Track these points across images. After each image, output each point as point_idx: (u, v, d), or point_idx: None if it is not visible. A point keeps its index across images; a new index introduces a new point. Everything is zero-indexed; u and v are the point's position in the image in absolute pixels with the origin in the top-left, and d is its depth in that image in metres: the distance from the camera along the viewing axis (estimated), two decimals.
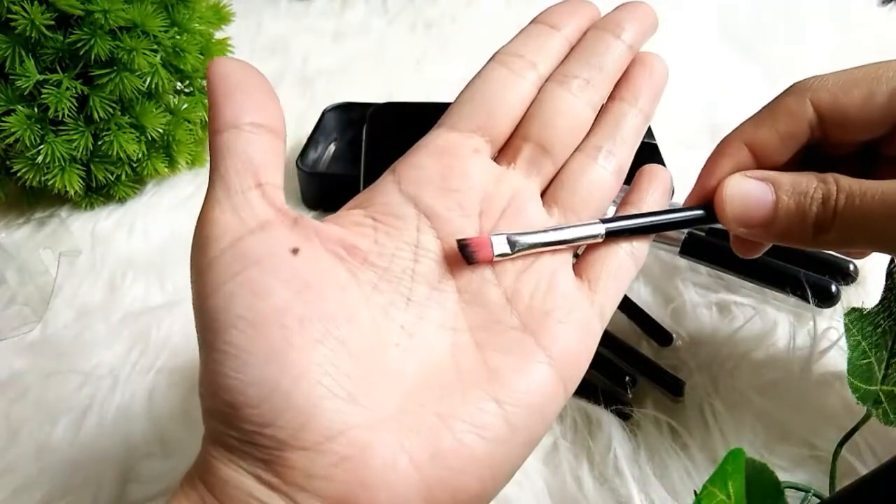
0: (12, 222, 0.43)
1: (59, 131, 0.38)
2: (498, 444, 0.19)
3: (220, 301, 0.18)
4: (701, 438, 0.29)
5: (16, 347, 0.34)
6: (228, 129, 0.19)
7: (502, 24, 0.66)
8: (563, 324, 0.21)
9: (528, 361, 0.20)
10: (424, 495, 0.18)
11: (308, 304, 0.19)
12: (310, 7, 0.69)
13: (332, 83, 0.57)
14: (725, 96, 0.53)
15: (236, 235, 0.19)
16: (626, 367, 0.31)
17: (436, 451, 0.18)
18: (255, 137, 0.20)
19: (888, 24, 0.64)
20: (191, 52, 0.41)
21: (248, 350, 0.18)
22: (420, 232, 0.22)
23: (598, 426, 0.29)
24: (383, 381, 0.19)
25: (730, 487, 0.20)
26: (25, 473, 0.28)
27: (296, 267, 0.19)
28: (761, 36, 0.62)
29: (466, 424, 0.19)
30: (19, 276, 0.24)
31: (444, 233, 0.22)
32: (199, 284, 0.19)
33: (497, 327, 0.21)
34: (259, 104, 0.20)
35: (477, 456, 0.19)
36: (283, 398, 0.18)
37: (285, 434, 0.18)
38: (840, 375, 0.29)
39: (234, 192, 0.19)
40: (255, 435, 0.18)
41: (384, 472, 0.18)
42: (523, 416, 0.19)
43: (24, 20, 0.35)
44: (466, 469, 0.19)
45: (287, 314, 0.18)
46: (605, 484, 0.27)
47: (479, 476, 0.19)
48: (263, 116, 0.20)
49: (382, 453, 0.18)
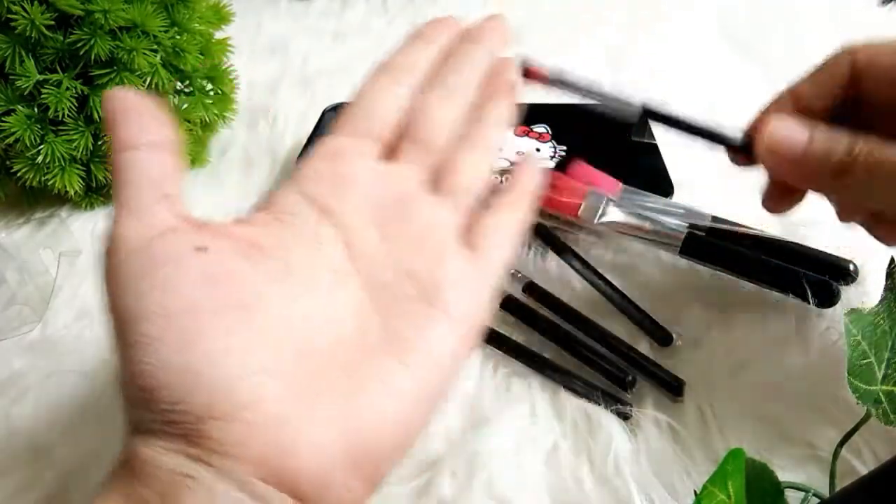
0: (12, 222, 0.43)
1: (59, 131, 0.38)
2: (408, 403, 0.22)
3: (130, 299, 0.20)
4: (701, 438, 0.29)
5: (16, 347, 0.34)
6: (127, 149, 0.22)
7: None
8: (455, 290, 0.24)
9: (429, 325, 0.23)
10: (342, 456, 0.20)
11: (217, 294, 0.21)
12: (310, 7, 0.69)
13: (332, 83, 0.57)
14: (725, 96, 0.53)
15: (143, 240, 0.21)
16: (626, 367, 0.31)
17: (350, 414, 0.21)
18: (153, 155, 0.22)
19: (888, 24, 0.64)
20: (191, 52, 0.41)
21: (160, 339, 0.19)
22: (319, 225, 0.24)
23: (598, 426, 0.29)
24: (294, 356, 0.21)
25: (730, 487, 0.20)
26: (25, 474, 0.28)
27: (203, 262, 0.21)
28: (761, 36, 0.62)
29: (377, 386, 0.21)
30: (19, 276, 0.24)
31: (339, 225, 0.24)
32: (111, 286, 0.20)
33: (397, 301, 0.23)
34: (152, 126, 0.22)
35: (389, 416, 0.21)
36: (194, 377, 0.19)
37: (199, 408, 0.19)
38: (840, 376, 0.29)
39: (138, 204, 0.21)
40: (172, 413, 0.19)
41: (299, 435, 0.20)
42: (429, 374, 0.22)
43: (24, 20, 0.35)
44: (381, 428, 0.21)
45: (197, 305, 0.20)
46: (605, 484, 0.27)
47: (393, 433, 0.21)
48: (157, 137, 0.22)
49: (296, 419, 0.20)
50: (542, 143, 0.44)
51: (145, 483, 0.19)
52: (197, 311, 0.20)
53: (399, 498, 0.27)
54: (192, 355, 0.20)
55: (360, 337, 0.23)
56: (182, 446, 0.19)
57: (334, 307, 0.23)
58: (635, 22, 0.66)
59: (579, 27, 0.65)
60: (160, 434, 0.19)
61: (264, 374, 0.20)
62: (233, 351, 0.20)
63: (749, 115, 0.30)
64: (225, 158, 0.49)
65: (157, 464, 0.19)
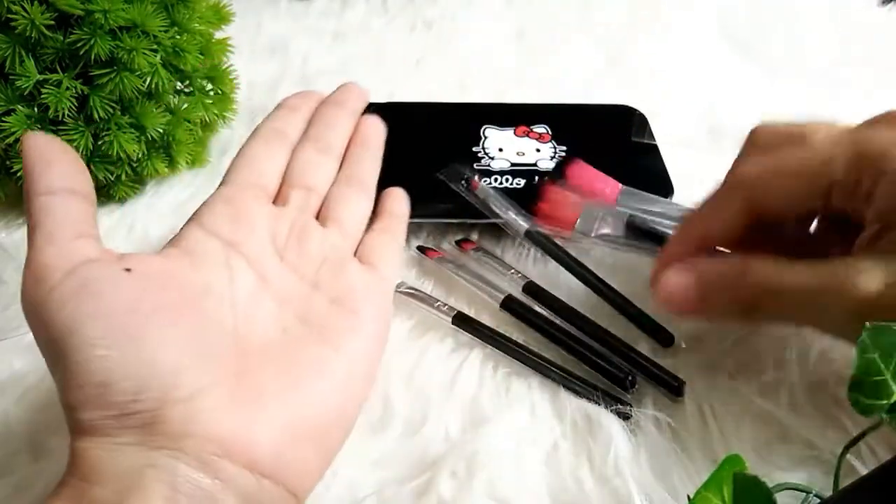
0: (12, 222, 0.43)
1: (59, 131, 0.38)
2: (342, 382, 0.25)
3: (66, 315, 0.21)
4: (701, 438, 0.29)
5: (16, 347, 0.34)
6: (46, 194, 0.23)
7: (502, 24, 0.66)
8: (362, 293, 0.28)
9: (348, 320, 0.27)
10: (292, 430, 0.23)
11: (151, 298, 0.23)
12: (310, 7, 0.69)
13: (332, 83, 0.56)
14: (725, 96, 0.53)
15: (70, 265, 0.22)
16: (627, 368, 0.31)
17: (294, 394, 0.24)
18: (70, 201, 0.24)
19: (888, 24, 0.64)
20: (191, 52, 0.41)
21: (108, 337, 0.21)
22: (228, 256, 0.27)
23: (598, 426, 0.29)
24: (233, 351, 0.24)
25: (724, 493, 0.20)
26: (24, 474, 0.28)
27: (132, 277, 0.23)
28: (761, 36, 0.62)
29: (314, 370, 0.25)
30: (19, 276, 0.24)
31: (245, 255, 0.28)
32: (43, 311, 0.21)
33: (314, 308, 0.27)
34: (71, 173, 0.24)
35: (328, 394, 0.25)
36: (149, 366, 0.21)
37: (157, 393, 0.21)
38: (840, 376, 0.29)
39: (59, 238, 0.22)
40: (132, 403, 0.21)
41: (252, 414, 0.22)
42: (356, 358, 0.26)
43: (24, 20, 0.35)
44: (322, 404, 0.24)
45: (135, 307, 0.22)
46: (605, 484, 0.27)
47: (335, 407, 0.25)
48: (75, 184, 0.24)
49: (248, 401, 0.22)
50: (542, 144, 0.44)
51: (100, 484, 0.20)
52: (136, 312, 0.22)
53: (399, 498, 0.27)
54: (143, 347, 0.21)
55: (288, 337, 0.26)
56: (139, 437, 0.20)
57: (255, 319, 0.26)
58: (635, 22, 0.66)
59: (579, 27, 0.65)
60: (113, 431, 0.21)
61: (213, 361, 0.23)
62: (178, 341, 0.22)
63: (749, 115, 0.30)
64: (225, 158, 0.49)
65: (112, 463, 0.20)
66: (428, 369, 0.32)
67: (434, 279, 0.37)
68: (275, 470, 0.22)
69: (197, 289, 0.25)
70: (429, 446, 0.29)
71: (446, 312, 0.34)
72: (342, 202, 0.32)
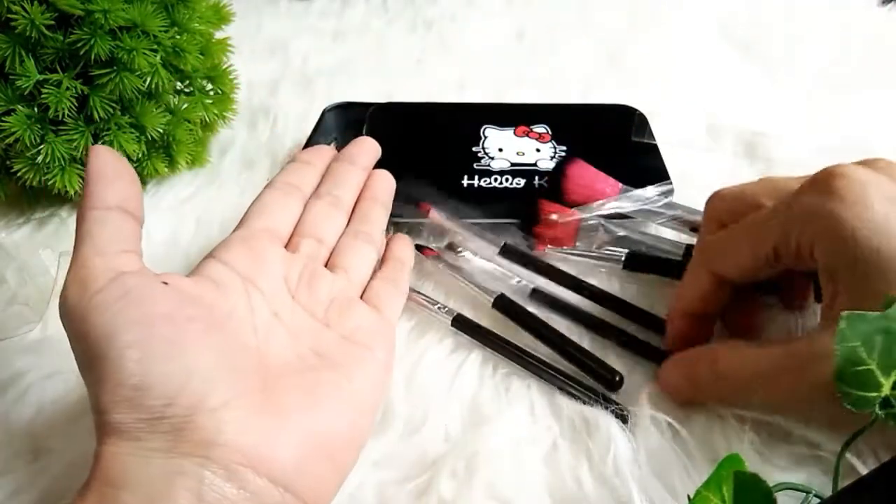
0: (12, 222, 0.43)
1: (59, 131, 0.38)
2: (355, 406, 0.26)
3: (108, 318, 0.22)
4: (701, 438, 0.29)
5: (16, 347, 0.34)
6: (103, 208, 0.24)
7: (502, 24, 0.66)
8: (369, 331, 0.30)
9: (362, 356, 0.28)
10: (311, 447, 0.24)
11: (187, 309, 0.24)
12: (310, 7, 0.69)
13: (332, 83, 0.57)
14: (725, 96, 0.53)
15: (113, 275, 0.23)
16: (613, 368, 0.31)
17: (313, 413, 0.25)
18: (123, 218, 0.25)
19: (888, 24, 0.64)
20: (191, 52, 0.41)
21: (146, 342, 0.22)
22: (247, 288, 0.28)
23: (598, 426, 0.29)
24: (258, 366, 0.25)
25: (724, 492, 0.20)
26: (24, 474, 0.28)
27: (170, 289, 0.24)
28: (761, 36, 0.62)
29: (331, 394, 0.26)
30: (19, 276, 0.24)
31: (261, 290, 0.29)
32: (85, 314, 0.22)
33: (326, 342, 0.28)
34: (127, 192, 0.25)
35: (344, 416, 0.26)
36: (184, 372, 0.22)
37: (190, 400, 0.21)
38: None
39: (107, 253, 0.24)
40: (165, 408, 0.21)
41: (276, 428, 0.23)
42: (366, 387, 0.27)
43: (24, 20, 0.35)
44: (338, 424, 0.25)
45: (172, 315, 0.23)
46: (605, 484, 0.27)
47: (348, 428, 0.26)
48: (130, 204, 0.25)
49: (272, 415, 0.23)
50: (542, 144, 0.44)
51: (128, 489, 0.20)
52: (173, 321, 0.23)
53: (399, 498, 0.27)
54: (179, 354, 0.22)
55: (304, 364, 0.27)
56: (168, 443, 0.21)
57: (272, 345, 0.27)
58: (635, 22, 0.66)
59: (579, 27, 0.65)
60: (143, 435, 0.21)
61: (240, 375, 0.24)
62: (211, 352, 0.23)
63: (749, 115, 0.30)
64: (225, 158, 0.49)
65: (141, 469, 0.21)
66: (428, 370, 0.32)
67: (434, 280, 0.37)
68: (295, 483, 0.22)
69: (223, 310, 0.26)
70: (429, 446, 0.29)
71: (446, 315, 0.34)
72: (350, 252, 0.34)
